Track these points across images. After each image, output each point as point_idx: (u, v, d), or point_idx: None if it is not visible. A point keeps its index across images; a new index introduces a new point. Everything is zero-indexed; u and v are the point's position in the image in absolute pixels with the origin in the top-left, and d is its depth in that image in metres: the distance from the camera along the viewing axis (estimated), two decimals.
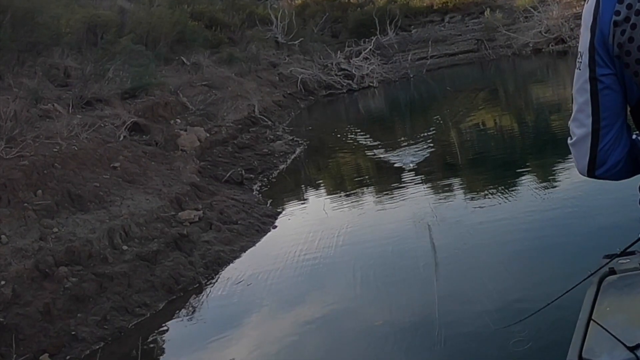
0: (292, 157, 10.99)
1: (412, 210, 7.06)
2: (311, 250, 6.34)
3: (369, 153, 10.28)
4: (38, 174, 6.57)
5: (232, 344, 4.93)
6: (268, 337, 4.96)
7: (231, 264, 6.32)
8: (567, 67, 15.01)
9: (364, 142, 11.20)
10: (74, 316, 5.20)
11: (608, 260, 1.59)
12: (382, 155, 9.79)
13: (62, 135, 7.46)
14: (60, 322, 5.11)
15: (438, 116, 12.99)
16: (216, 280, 6.02)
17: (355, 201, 8.01)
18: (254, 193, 8.77)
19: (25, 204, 6.14)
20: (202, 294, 5.79)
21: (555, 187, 6.85)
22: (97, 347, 4.95)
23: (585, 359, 1.27)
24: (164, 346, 5.11)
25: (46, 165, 6.75)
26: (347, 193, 8.43)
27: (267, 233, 7.09)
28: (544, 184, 7.05)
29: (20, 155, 6.63)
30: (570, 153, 1.49)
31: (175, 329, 5.31)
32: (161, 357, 4.88)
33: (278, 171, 10.06)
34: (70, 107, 8.65)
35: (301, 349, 4.71)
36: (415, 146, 9.90)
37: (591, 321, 1.36)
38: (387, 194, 7.93)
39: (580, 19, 1.42)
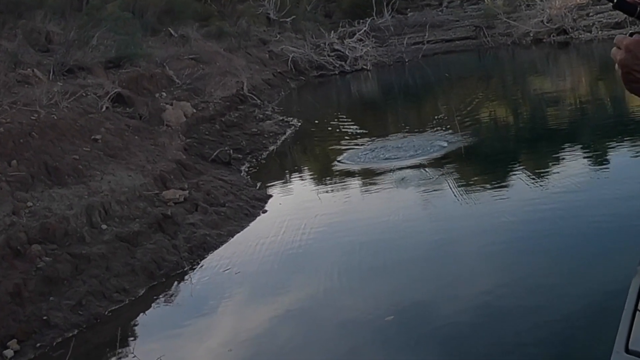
0: (283, 138, 10.58)
1: (408, 194, 6.75)
2: (305, 236, 5.98)
3: (363, 140, 9.89)
4: (13, 143, 6.14)
5: (216, 334, 4.60)
6: (254, 328, 4.61)
7: (218, 250, 5.94)
8: (568, 59, 14.68)
9: (359, 131, 10.74)
10: (46, 300, 4.84)
11: None
12: (374, 145, 9.39)
13: (41, 102, 7.00)
14: (31, 305, 4.74)
15: (436, 107, 12.54)
16: (201, 267, 5.64)
17: (349, 185, 7.65)
18: (242, 174, 8.37)
19: None
20: (185, 281, 5.42)
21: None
22: (71, 334, 4.59)
23: (632, 350, 1.25)
24: (142, 336, 4.73)
25: (23, 133, 6.31)
26: (342, 177, 8.05)
27: (256, 217, 6.71)
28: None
29: None
30: None
31: (156, 318, 4.96)
32: (140, 347, 4.48)
33: (268, 152, 9.67)
34: (51, 74, 8.19)
35: (289, 341, 4.37)
36: (415, 136, 9.50)
37: (637, 312, 1.33)
38: (379, 179, 7.58)
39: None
